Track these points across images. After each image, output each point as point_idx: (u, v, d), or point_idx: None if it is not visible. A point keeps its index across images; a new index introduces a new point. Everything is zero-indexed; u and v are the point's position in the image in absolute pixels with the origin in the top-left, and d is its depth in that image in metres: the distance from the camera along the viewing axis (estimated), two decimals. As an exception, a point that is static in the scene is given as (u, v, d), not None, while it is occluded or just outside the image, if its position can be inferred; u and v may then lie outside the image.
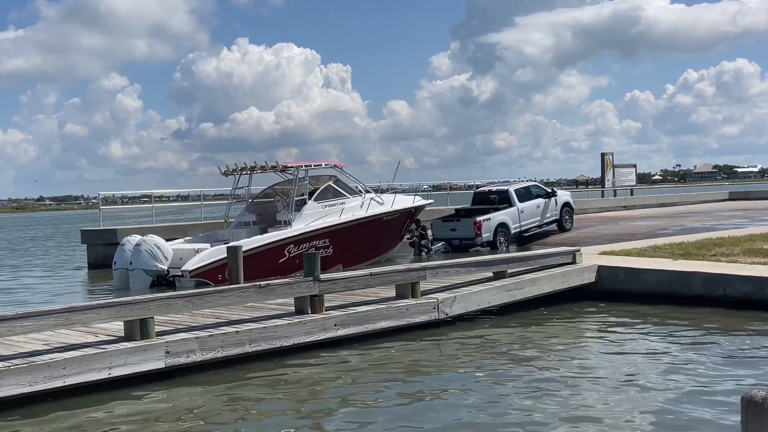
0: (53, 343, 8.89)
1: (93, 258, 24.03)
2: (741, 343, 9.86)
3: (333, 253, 19.49)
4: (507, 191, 24.55)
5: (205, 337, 9.23)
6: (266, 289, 10.12)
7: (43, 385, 7.99)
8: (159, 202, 30.00)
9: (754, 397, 3.13)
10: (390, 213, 21.37)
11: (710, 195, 46.12)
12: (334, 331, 10.27)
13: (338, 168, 21.73)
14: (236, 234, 19.42)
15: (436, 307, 11.31)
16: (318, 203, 19.77)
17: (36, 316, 8.40)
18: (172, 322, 9.99)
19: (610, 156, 41.27)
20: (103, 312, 8.81)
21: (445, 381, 8.75)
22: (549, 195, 25.53)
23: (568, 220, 26.30)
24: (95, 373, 8.33)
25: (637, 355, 9.58)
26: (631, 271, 13.27)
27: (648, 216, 31.09)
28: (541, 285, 12.83)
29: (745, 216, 29.41)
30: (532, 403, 7.68)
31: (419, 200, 22.99)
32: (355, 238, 20.16)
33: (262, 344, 9.61)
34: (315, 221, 19.40)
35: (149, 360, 8.73)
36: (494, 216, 23.22)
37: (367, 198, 20.98)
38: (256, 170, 20.48)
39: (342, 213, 20.05)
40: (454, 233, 23.23)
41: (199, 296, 9.69)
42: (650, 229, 24.91)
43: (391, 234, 21.89)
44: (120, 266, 18.14)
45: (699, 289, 12.34)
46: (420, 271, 11.73)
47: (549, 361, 9.37)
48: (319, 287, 10.43)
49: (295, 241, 18.78)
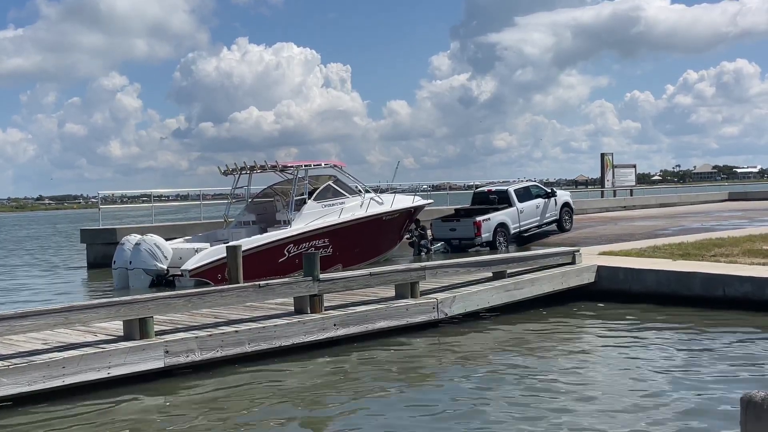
0: (52, 343, 8.89)
1: (92, 257, 24.03)
2: (740, 344, 9.86)
3: (332, 253, 19.49)
4: (506, 191, 24.56)
5: (204, 336, 9.23)
6: (266, 289, 10.12)
7: (42, 385, 7.99)
8: (158, 202, 29.94)
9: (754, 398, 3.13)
10: (389, 213, 21.37)
11: (710, 195, 46.14)
12: (334, 331, 10.27)
13: (338, 168, 21.74)
14: (236, 233, 19.41)
15: (436, 307, 11.31)
16: (317, 203, 19.77)
17: (35, 316, 8.40)
18: (171, 321, 9.98)
19: (609, 156, 41.29)
20: (102, 311, 8.81)
21: (445, 381, 8.75)
22: (548, 195, 25.52)
23: (568, 220, 26.28)
24: (94, 373, 8.33)
25: (636, 355, 9.58)
26: (630, 272, 13.27)
27: (647, 216, 31.10)
28: (541, 285, 12.84)
29: (744, 216, 29.42)
30: (531, 403, 7.68)
31: (419, 200, 22.99)
32: (355, 237, 20.17)
33: (261, 344, 9.61)
34: (314, 221, 19.40)
35: (148, 360, 8.73)
36: (494, 216, 23.22)
37: (367, 198, 20.98)
38: (255, 170, 20.48)
39: (341, 213, 20.04)
40: (454, 233, 23.24)
41: (198, 296, 9.69)
42: (650, 230, 24.92)
43: (391, 234, 21.89)
44: (119, 265, 18.14)
45: (698, 290, 12.34)
46: (419, 271, 11.73)
47: (548, 362, 9.37)
48: (319, 287, 10.43)
49: (295, 241, 18.79)
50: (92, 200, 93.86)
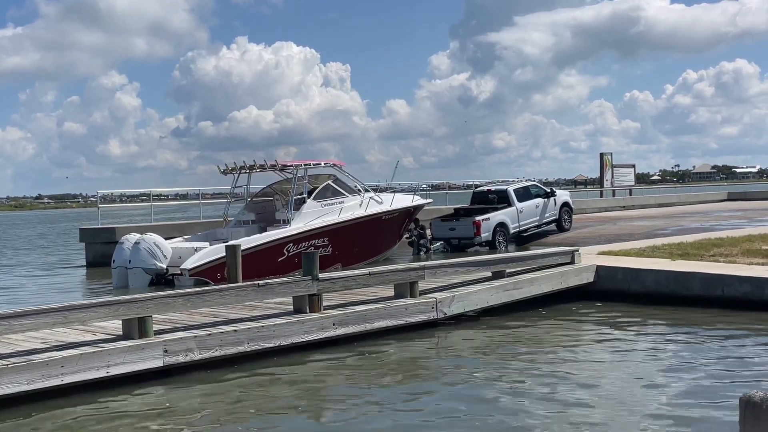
0: (51, 342, 8.88)
1: (91, 257, 24.02)
2: (739, 344, 9.87)
3: (332, 252, 19.50)
4: (506, 191, 24.59)
5: (203, 336, 9.22)
6: (265, 288, 10.12)
7: (41, 384, 7.98)
8: (157, 201, 29.90)
9: (753, 398, 3.13)
10: (389, 212, 21.37)
11: (709, 195, 46.16)
12: (333, 331, 10.27)
13: (337, 167, 21.74)
14: (235, 233, 19.40)
15: (435, 306, 11.31)
16: (317, 202, 19.78)
17: (34, 315, 8.40)
18: (170, 321, 9.98)
19: (609, 156, 41.31)
20: (101, 310, 8.80)
21: (443, 380, 8.74)
22: (548, 195, 25.52)
23: (567, 220, 26.29)
24: (93, 372, 8.32)
25: (635, 355, 9.58)
26: (629, 272, 13.28)
27: (647, 216, 31.10)
28: (540, 285, 12.84)
29: (743, 216, 29.42)
30: (529, 402, 7.69)
31: (418, 199, 23.00)
32: (354, 237, 20.18)
33: (260, 343, 9.60)
34: (314, 220, 19.41)
35: (147, 359, 8.72)
36: (493, 216, 23.23)
37: (366, 197, 20.98)
38: (255, 169, 20.49)
39: (341, 212, 20.05)
40: (453, 233, 23.24)
41: (197, 295, 9.68)
42: (649, 230, 24.92)
43: (390, 233, 21.90)
44: (119, 264, 18.12)
45: (697, 290, 12.35)
46: (419, 270, 11.73)
47: (547, 361, 9.37)
48: (318, 286, 10.42)
49: (294, 240, 18.79)
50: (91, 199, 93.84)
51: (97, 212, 25.32)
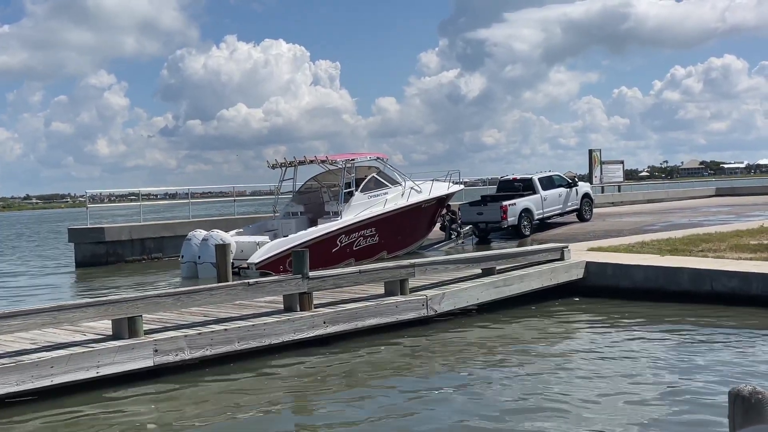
0: (41, 342, 8.85)
1: (81, 256, 23.93)
2: (727, 338, 9.92)
3: (378, 241, 20.66)
4: (531, 179, 25.93)
5: (193, 335, 9.20)
6: (255, 287, 10.11)
7: (31, 385, 7.96)
8: (146, 200, 29.92)
9: (742, 392, 3.14)
10: (427, 201, 22.39)
11: (697, 191, 46.37)
12: (323, 329, 10.27)
13: (381, 160, 22.71)
14: (285, 224, 20.52)
15: (425, 304, 11.33)
16: (364, 194, 20.82)
17: (23, 315, 8.36)
18: (160, 320, 9.95)
19: (597, 152, 41.38)
20: (90, 311, 8.77)
21: (434, 377, 8.76)
22: (570, 185, 26.93)
23: (588, 210, 27.63)
24: (83, 372, 8.30)
25: (624, 350, 9.62)
26: (619, 267, 13.33)
27: (635, 212, 31.22)
28: (530, 281, 12.87)
29: (731, 212, 29.58)
30: (520, 398, 7.71)
31: (453, 187, 24.05)
32: (398, 225, 21.26)
33: (251, 342, 9.60)
34: (362, 212, 20.45)
35: (138, 358, 8.70)
36: (519, 201, 24.54)
37: (407, 187, 21.96)
38: (304, 163, 21.37)
39: (386, 203, 21.06)
40: (481, 217, 24.46)
41: (187, 294, 9.66)
42: (638, 225, 25.03)
43: (428, 220, 22.95)
44: (188, 260, 19.22)
45: (686, 285, 12.41)
46: (409, 268, 11.74)
47: (537, 357, 9.40)
48: (308, 285, 10.42)
49: (346, 231, 19.89)
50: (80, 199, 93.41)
51: (86, 212, 25.23)
